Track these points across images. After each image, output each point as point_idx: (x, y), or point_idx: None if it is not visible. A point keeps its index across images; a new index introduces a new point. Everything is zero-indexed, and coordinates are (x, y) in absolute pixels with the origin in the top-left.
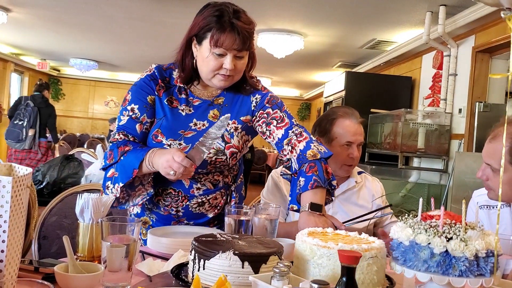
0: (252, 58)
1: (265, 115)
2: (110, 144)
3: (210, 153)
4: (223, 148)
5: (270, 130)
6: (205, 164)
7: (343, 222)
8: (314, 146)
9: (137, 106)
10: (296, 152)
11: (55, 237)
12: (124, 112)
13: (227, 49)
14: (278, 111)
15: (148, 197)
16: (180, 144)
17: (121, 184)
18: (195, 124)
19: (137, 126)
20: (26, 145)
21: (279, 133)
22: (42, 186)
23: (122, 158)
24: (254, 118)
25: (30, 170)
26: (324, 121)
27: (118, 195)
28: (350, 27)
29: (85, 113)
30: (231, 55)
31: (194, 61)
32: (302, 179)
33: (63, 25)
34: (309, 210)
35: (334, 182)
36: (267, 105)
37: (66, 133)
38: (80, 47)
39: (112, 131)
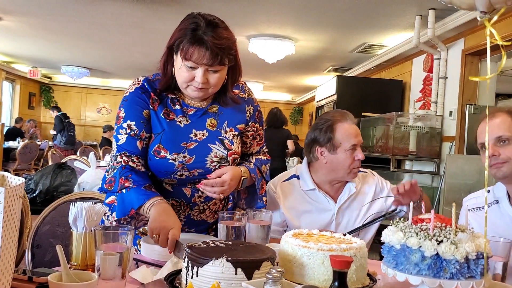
0: (235, 72)
1: (255, 129)
2: (114, 170)
3: (213, 161)
4: (225, 155)
5: (252, 144)
6: (210, 173)
7: (349, 232)
8: (267, 166)
9: (134, 122)
10: (253, 161)
11: (49, 246)
12: (120, 130)
13: (196, 63)
14: (261, 128)
15: None
16: (184, 156)
17: (115, 218)
18: (195, 135)
19: (138, 143)
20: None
21: (256, 148)
22: (35, 194)
23: (123, 191)
24: (246, 127)
25: (22, 180)
26: (321, 129)
27: (113, 224)
28: (340, 32)
29: (77, 120)
30: (202, 69)
31: (174, 70)
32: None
33: (54, 33)
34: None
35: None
36: (257, 119)
37: None
38: (72, 55)
39: (106, 138)
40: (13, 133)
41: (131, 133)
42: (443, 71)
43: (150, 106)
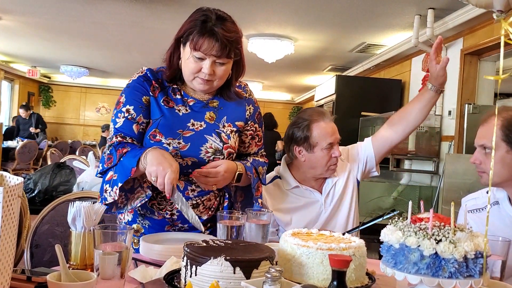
0: (239, 67)
1: (254, 128)
2: (110, 148)
3: (208, 152)
4: (221, 148)
5: (251, 144)
6: (203, 164)
7: (348, 231)
8: (264, 169)
9: (133, 107)
10: (251, 160)
11: (48, 246)
12: (119, 114)
13: (205, 54)
14: (260, 130)
15: (146, 199)
16: (179, 143)
17: (119, 185)
18: (193, 124)
19: (134, 127)
20: None
21: (254, 149)
22: (33, 194)
23: (121, 159)
24: (245, 126)
25: (21, 179)
26: (299, 129)
27: (116, 198)
28: (340, 31)
29: (76, 120)
30: (210, 60)
31: (180, 61)
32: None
33: (53, 32)
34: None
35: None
36: (256, 119)
37: (58, 140)
38: (71, 54)
39: (105, 138)
40: (12, 133)
41: (129, 117)
42: None
43: (151, 93)
